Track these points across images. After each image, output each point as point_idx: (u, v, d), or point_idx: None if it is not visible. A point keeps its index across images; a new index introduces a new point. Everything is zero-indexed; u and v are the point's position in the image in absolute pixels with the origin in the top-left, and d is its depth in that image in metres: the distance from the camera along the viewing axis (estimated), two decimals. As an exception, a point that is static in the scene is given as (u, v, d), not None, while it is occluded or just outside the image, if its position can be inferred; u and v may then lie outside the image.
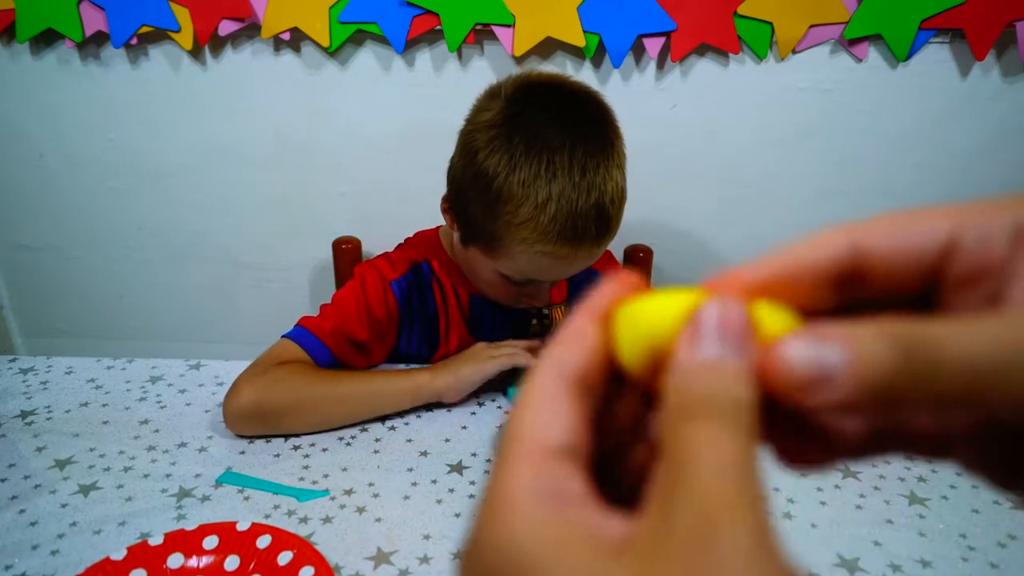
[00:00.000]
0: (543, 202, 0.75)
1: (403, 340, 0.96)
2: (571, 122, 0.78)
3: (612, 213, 0.79)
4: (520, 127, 0.77)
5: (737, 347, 0.17)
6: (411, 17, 1.14)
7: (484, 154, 0.78)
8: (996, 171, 1.25)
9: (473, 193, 0.80)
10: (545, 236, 0.76)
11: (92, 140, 1.30)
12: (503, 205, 0.77)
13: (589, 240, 0.78)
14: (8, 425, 0.79)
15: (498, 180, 0.76)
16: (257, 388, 0.78)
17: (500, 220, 0.78)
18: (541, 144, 0.75)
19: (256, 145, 1.29)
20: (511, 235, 0.78)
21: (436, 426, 0.81)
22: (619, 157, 0.80)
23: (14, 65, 1.24)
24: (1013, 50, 1.14)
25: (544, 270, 0.82)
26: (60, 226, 1.39)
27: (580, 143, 0.76)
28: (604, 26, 1.14)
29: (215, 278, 1.42)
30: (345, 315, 0.88)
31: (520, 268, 0.82)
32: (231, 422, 0.78)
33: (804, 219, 1.31)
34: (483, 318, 0.97)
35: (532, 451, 0.18)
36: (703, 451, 0.15)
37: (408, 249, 0.99)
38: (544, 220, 0.75)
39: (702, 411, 0.16)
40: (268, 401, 0.77)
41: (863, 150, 1.24)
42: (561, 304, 1.01)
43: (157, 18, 1.17)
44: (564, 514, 0.17)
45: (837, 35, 1.14)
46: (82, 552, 0.61)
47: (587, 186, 0.75)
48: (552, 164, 0.75)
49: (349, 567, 0.60)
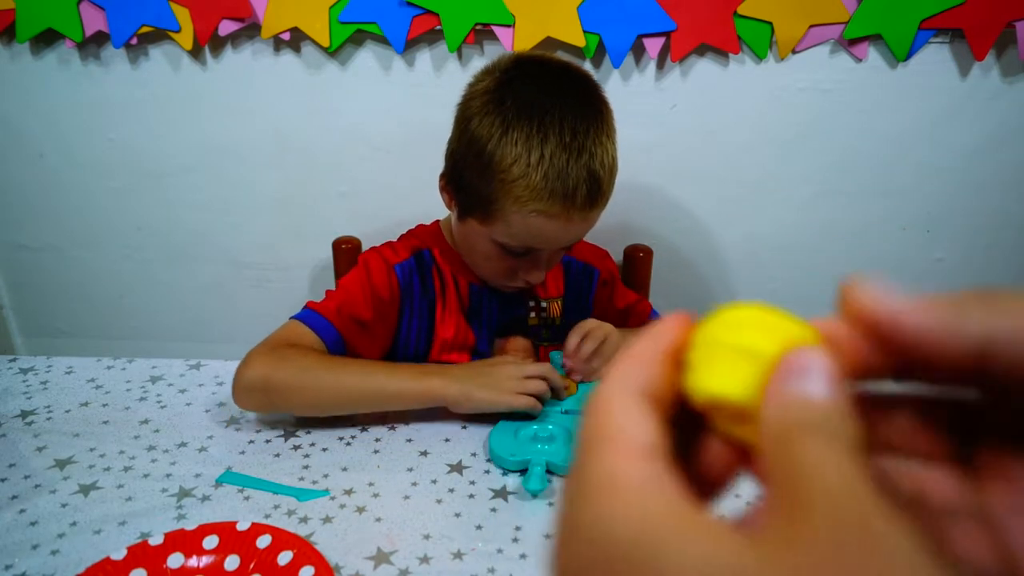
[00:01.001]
0: (536, 161, 0.78)
1: (403, 323, 0.97)
2: (561, 91, 0.81)
3: (602, 178, 0.81)
4: (511, 93, 0.80)
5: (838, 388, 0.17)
6: (411, 17, 1.14)
7: (477, 120, 0.81)
8: (996, 171, 1.25)
9: (468, 160, 0.83)
10: (537, 194, 0.78)
11: (92, 140, 1.30)
12: (496, 166, 0.79)
13: (580, 201, 0.79)
14: (8, 425, 0.79)
15: (491, 143, 0.80)
16: (267, 364, 0.79)
17: (494, 182, 0.80)
18: (532, 109, 0.79)
19: (256, 145, 1.29)
20: (504, 195, 0.80)
21: (436, 426, 0.81)
22: (609, 128, 0.83)
23: (14, 65, 1.24)
24: (1013, 50, 1.14)
25: (537, 233, 0.82)
26: (60, 226, 1.39)
27: (570, 110, 0.79)
28: (604, 26, 1.14)
29: (215, 278, 1.42)
30: (350, 296, 0.91)
31: (514, 232, 0.83)
32: (238, 394, 0.79)
33: (804, 219, 1.31)
34: (481, 307, 0.98)
35: (629, 445, 0.17)
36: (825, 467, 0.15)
37: (411, 238, 1.01)
38: (536, 178, 0.78)
39: (814, 432, 0.16)
40: (276, 378, 0.79)
41: (863, 150, 1.24)
42: (558, 298, 1.01)
43: (157, 18, 1.17)
44: (678, 503, 0.16)
45: (837, 35, 1.14)
46: (82, 552, 0.61)
47: (577, 148, 0.78)
48: (543, 126, 0.78)
49: (349, 567, 0.60)
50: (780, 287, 1.37)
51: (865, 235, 1.32)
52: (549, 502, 0.69)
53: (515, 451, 0.73)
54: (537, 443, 0.74)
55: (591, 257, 1.05)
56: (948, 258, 1.33)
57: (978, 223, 1.30)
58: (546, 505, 0.68)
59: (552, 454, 0.72)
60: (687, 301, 1.21)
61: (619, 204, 1.27)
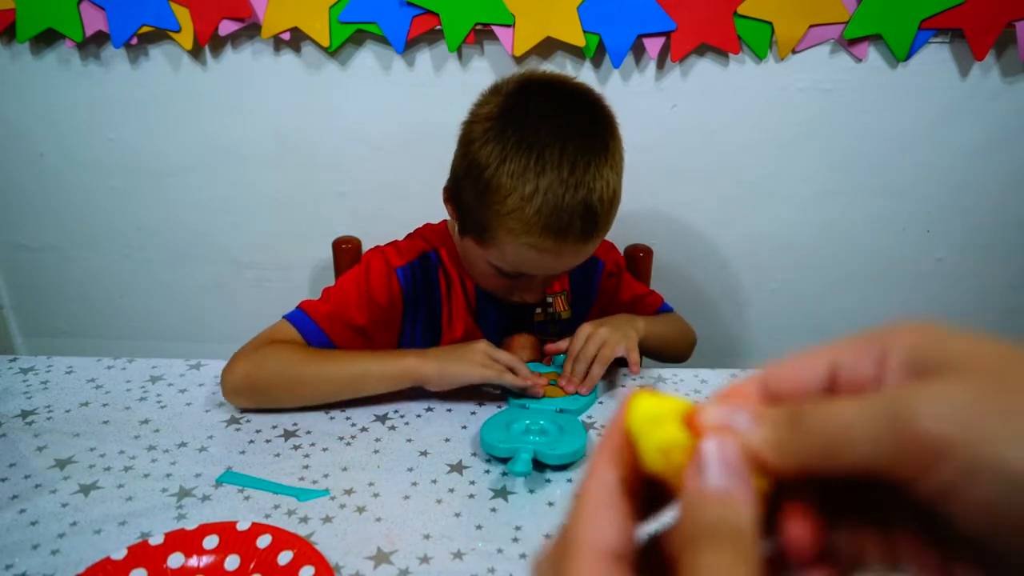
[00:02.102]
0: (529, 194, 0.77)
1: (407, 327, 0.97)
2: (566, 121, 0.79)
3: (600, 212, 0.79)
4: (514, 121, 0.79)
5: (738, 476, 0.19)
6: (411, 17, 1.14)
7: (478, 145, 0.80)
8: (996, 171, 1.25)
9: (467, 183, 0.83)
10: (530, 228, 0.78)
11: (92, 140, 1.30)
12: (492, 195, 0.79)
13: (574, 236, 0.79)
14: (8, 425, 0.79)
15: (489, 170, 0.79)
16: (249, 364, 0.81)
17: (490, 210, 0.80)
18: (533, 139, 0.77)
19: (256, 145, 1.29)
20: (499, 225, 0.80)
21: (436, 426, 0.81)
22: (613, 159, 0.81)
23: (14, 65, 1.25)
24: (1013, 50, 1.14)
25: (529, 263, 0.83)
26: (60, 226, 1.39)
27: (572, 141, 0.78)
28: (604, 26, 1.14)
29: (215, 278, 1.42)
30: (344, 299, 0.90)
31: (507, 259, 0.83)
32: (226, 395, 0.82)
33: (803, 219, 1.31)
34: (488, 308, 0.98)
35: (589, 553, 0.20)
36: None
37: (417, 239, 1.00)
38: (530, 212, 0.77)
39: (710, 539, 0.18)
40: (258, 377, 0.81)
41: (863, 150, 1.24)
42: (563, 292, 1.01)
43: (157, 18, 1.17)
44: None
45: (837, 35, 1.14)
46: (82, 552, 0.61)
47: (575, 183, 0.77)
48: (542, 158, 0.77)
49: (349, 567, 0.60)
50: (780, 287, 1.37)
51: (865, 235, 1.32)
52: (549, 502, 0.69)
53: (505, 439, 0.73)
54: (529, 435, 0.75)
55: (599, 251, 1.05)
56: (948, 258, 1.33)
57: (978, 223, 1.30)
58: (546, 505, 0.68)
59: (541, 445, 0.72)
60: (687, 301, 1.21)
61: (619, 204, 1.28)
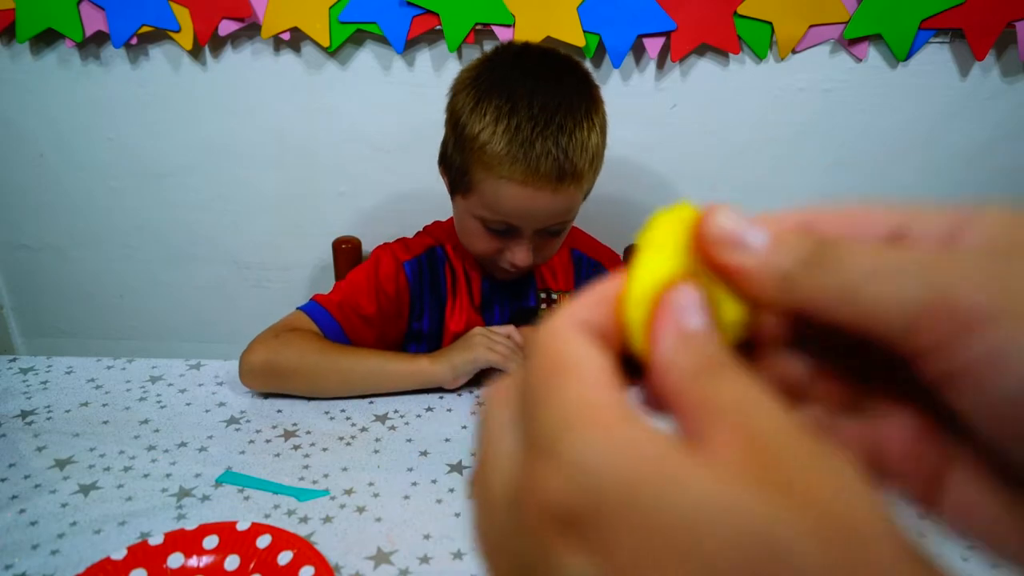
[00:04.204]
0: (502, 130, 0.80)
1: (415, 322, 0.99)
2: (537, 71, 0.84)
3: (573, 154, 0.81)
4: (489, 71, 0.85)
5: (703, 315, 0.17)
6: (411, 17, 1.14)
7: (457, 96, 0.86)
8: (996, 171, 1.25)
9: (448, 133, 0.88)
10: (501, 159, 0.80)
11: (92, 140, 1.30)
12: (467, 136, 0.83)
13: (546, 172, 0.80)
14: (8, 425, 0.79)
15: (464, 115, 0.83)
16: (269, 349, 0.85)
17: (466, 151, 0.83)
18: (505, 85, 0.82)
19: (256, 145, 1.29)
20: (475, 163, 0.83)
21: (436, 426, 0.81)
22: (590, 113, 0.84)
23: (14, 65, 1.24)
24: (1013, 50, 1.14)
25: (507, 203, 0.83)
26: (60, 226, 1.39)
27: (543, 87, 0.82)
28: (604, 26, 1.14)
29: (215, 278, 1.42)
30: (354, 290, 0.94)
31: (487, 202, 0.85)
32: (243, 376, 0.85)
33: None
34: (492, 302, 1.00)
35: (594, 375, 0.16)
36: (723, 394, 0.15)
37: (425, 235, 1.03)
38: (502, 144, 0.80)
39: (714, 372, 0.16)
40: (278, 363, 0.85)
41: (863, 150, 1.24)
42: (569, 291, 1.02)
43: (157, 18, 1.17)
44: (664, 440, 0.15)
45: (837, 35, 1.14)
46: (82, 552, 0.61)
47: (545, 120, 0.80)
48: (512, 97, 0.81)
49: (349, 567, 0.60)
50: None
51: (865, 235, 1.32)
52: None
53: None
54: None
55: (603, 258, 1.07)
56: (948, 258, 1.33)
57: (978, 223, 1.30)
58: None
59: None
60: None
61: (620, 204, 1.28)
